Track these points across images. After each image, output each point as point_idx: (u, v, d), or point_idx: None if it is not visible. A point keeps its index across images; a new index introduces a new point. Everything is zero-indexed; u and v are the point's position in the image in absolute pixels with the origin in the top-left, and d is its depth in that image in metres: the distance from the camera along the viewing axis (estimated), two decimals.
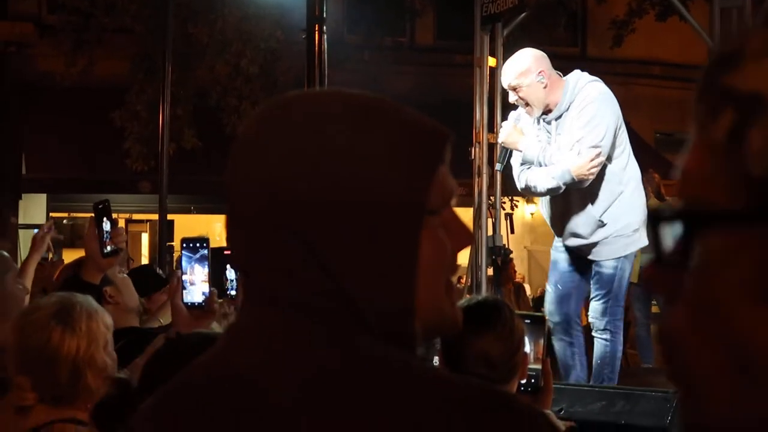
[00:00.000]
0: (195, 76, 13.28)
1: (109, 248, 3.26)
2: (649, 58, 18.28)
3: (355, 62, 14.40)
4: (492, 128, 8.18)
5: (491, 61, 8.18)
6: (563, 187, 5.12)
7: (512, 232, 8.33)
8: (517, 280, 12.86)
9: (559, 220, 5.40)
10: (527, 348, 2.81)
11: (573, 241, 5.35)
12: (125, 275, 3.87)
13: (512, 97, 5.35)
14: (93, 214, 3.30)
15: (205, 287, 2.78)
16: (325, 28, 4.64)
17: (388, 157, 1.05)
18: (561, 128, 5.21)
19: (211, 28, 12.78)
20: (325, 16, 4.62)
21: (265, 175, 1.05)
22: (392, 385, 1.02)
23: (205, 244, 2.83)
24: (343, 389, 1.01)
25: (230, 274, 3.86)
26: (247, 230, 1.07)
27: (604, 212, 5.19)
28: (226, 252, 3.73)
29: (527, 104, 5.26)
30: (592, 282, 5.35)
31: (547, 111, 5.27)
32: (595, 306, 5.32)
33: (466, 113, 8.46)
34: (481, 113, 8.16)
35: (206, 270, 2.79)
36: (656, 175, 9.43)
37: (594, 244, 5.27)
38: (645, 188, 8.99)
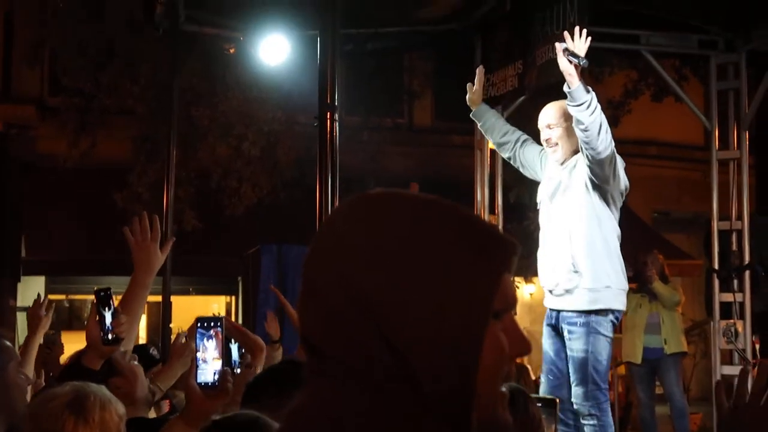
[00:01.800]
0: (197, 158, 13.35)
1: (110, 336, 3.27)
2: (646, 138, 18.43)
3: (354, 142, 14.50)
4: (493, 209, 8.22)
5: (491, 144, 8.26)
6: (589, 120, 5.09)
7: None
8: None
9: (546, 265, 5.48)
10: None
11: (550, 283, 5.42)
12: (137, 364, 3.82)
13: (543, 136, 5.47)
14: (94, 301, 3.30)
15: (218, 365, 2.79)
16: (336, 115, 4.69)
17: (461, 260, 1.12)
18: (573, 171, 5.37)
19: (213, 111, 12.88)
20: (336, 103, 4.67)
21: (344, 264, 1.12)
22: None
23: (219, 323, 2.85)
24: None
25: (234, 353, 3.84)
26: (322, 308, 1.14)
27: (579, 262, 5.26)
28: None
29: (554, 144, 5.39)
30: (569, 366, 5.34)
31: (568, 157, 5.44)
32: (576, 391, 5.32)
33: (464, 194, 8.51)
34: (482, 194, 8.21)
35: (218, 348, 2.80)
36: (660, 256, 9.45)
37: (566, 292, 5.31)
38: (649, 269, 9.07)
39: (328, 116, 4.70)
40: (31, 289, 16.43)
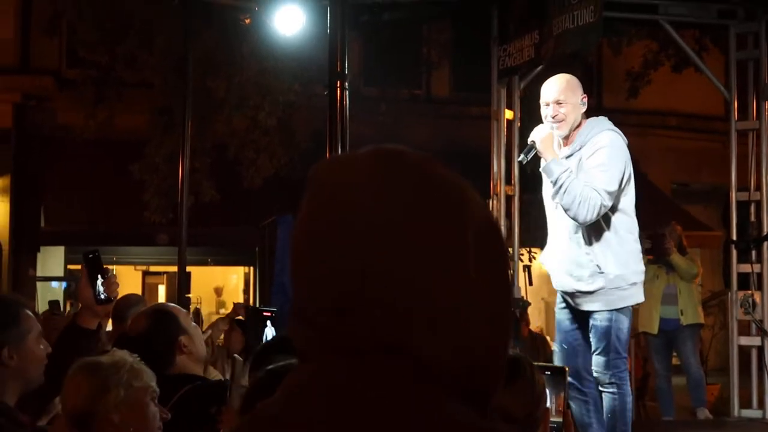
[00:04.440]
0: (213, 130, 13.35)
1: (103, 296, 3.42)
2: (666, 109, 18.32)
3: (371, 114, 14.48)
4: (509, 180, 8.19)
5: (508, 114, 8.24)
6: (563, 203, 5.17)
7: (530, 283, 8.33)
8: (536, 330, 12.78)
9: (561, 269, 5.43)
10: (548, 401, 2.81)
11: (571, 288, 5.38)
12: (197, 326, 3.95)
13: (549, 111, 5.29)
14: (84, 264, 3.43)
15: None
16: (347, 84, 4.69)
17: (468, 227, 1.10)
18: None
19: (229, 82, 12.86)
20: (346, 72, 4.66)
21: (344, 229, 1.07)
22: None
23: None
24: None
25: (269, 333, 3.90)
26: (320, 276, 1.08)
27: (599, 260, 5.22)
28: (265, 313, 3.81)
29: (561, 120, 5.27)
30: (590, 335, 5.36)
31: (566, 140, 5.34)
32: (597, 360, 5.32)
33: (481, 165, 8.48)
34: (498, 165, 8.19)
35: None
36: (678, 228, 9.39)
37: (590, 293, 5.28)
38: (667, 241, 9.02)
39: (338, 84, 4.69)
40: (50, 259, 16.59)
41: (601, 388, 5.35)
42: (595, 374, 5.34)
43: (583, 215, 5.10)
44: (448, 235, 1.08)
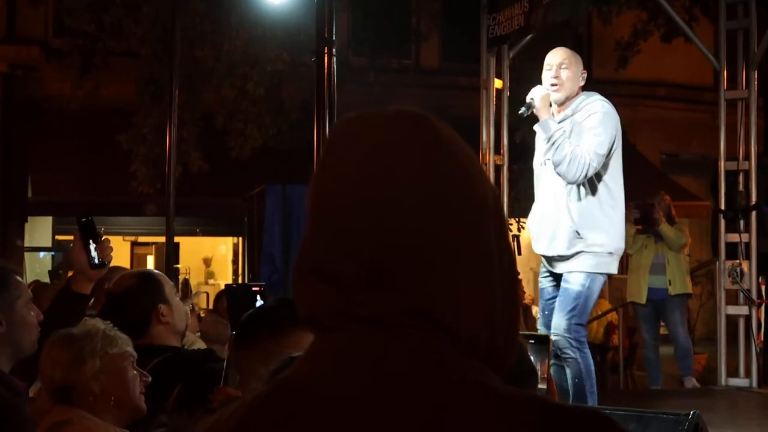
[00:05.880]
0: (201, 99, 13.29)
1: (96, 260, 3.39)
2: (655, 79, 18.30)
3: (359, 84, 14.42)
4: (498, 150, 8.18)
5: (497, 83, 8.22)
6: (554, 159, 5.23)
7: (519, 253, 8.36)
8: (525, 301, 12.82)
9: (543, 234, 5.47)
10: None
11: (550, 252, 5.43)
12: (181, 302, 3.90)
13: (551, 74, 5.38)
14: (78, 228, 3.41)
15: None
16: (334, 50, 4.66)
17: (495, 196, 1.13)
18: None
19: (217, 51, 12.79)
20: (334, 38, 4.63)
21: (382, 200, 1.05)
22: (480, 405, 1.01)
23: None
24: (415, 400, 1.01)
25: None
26: (357, 245, 1.05)
27: (579, 226, 5.27)
28: (254, 288, 3.80)
29: (561, 84, 5.35)
30: (558, 296, 5.38)
31: (560, 107, 5.42)
32: (558, 321, 5.29)
33: (470, 135, 8.47)
34: (487, 135, 8.18)
35: None
36: (667, 197, 9.39)
37: (568, 257, 5.33)
38: (656, 211, 9.03)
39: (326, 51, 4.66)
40: (38, 229, 16.55)
41: (563, 354, 5.32)
42: (554, 337, 5.29)
43: (573, 173, 5.17)
44: (477, 203, 1.09)
